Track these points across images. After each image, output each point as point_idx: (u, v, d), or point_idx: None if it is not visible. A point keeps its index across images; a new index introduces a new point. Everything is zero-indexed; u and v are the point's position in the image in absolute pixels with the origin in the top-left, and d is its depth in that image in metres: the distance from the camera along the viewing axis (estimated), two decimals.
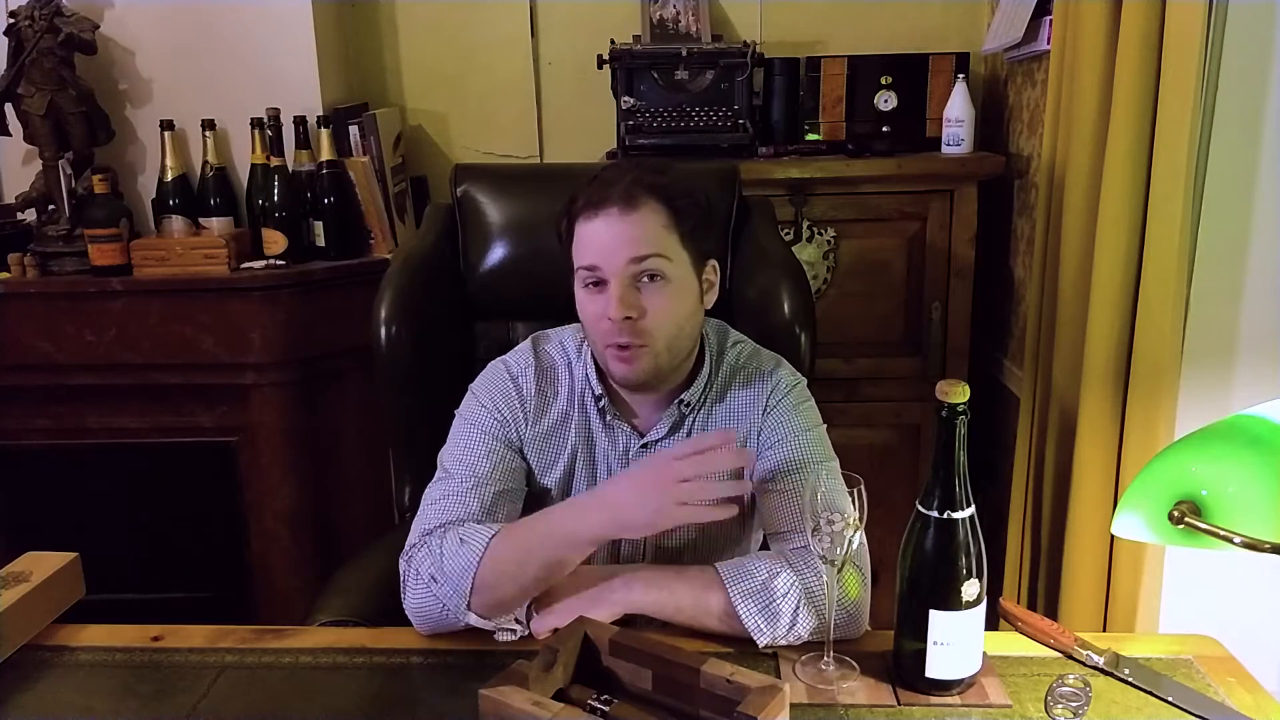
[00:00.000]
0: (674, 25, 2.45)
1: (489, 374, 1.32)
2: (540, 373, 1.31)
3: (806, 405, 1.31)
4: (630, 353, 1.20)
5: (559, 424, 1.30)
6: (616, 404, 1.30)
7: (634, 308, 1.18)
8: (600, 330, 1.21)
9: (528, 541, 1.14)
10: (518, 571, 1.13)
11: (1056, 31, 1.77)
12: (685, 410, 1.29)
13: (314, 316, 2.25)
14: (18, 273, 2.21)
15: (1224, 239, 1.55)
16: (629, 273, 1.19)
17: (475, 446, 1.26)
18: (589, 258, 1.20)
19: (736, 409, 1.30)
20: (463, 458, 1.26)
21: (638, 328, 1.19)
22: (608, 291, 1.19)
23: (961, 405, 1.01)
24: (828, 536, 1.06)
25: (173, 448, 2.31)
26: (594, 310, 1.21)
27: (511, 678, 0.97)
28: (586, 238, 1.21)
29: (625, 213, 1.19)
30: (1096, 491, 1.61)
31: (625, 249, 1.18)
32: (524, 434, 1.29)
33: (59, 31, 2.16)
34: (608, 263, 1.19)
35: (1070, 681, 0.99)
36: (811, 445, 1.27)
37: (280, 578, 2.34)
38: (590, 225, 1.20)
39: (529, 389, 1.30)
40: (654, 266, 1.19)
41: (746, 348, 1.36)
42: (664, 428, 1.29)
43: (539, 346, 1.34)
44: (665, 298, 1.20)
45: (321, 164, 2.28)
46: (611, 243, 1.19)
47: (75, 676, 1.13)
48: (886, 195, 2.23)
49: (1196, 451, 1.06)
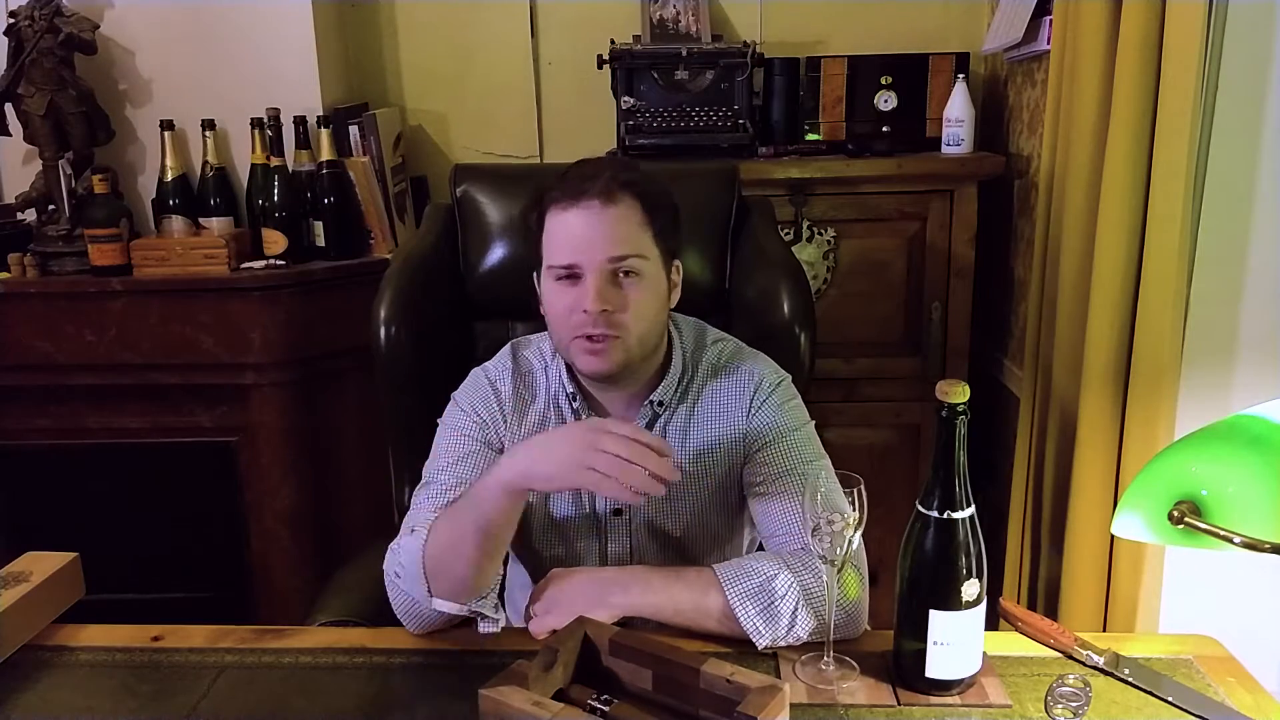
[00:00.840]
0: (674, 25, 2.45)
1: (469, 381, 1.34)
2: (518, 376, 1.32)
3: (793, 404, 1.31)
4: (602, 344, 1.20)
5: (537, 426, 1.30)
6: (591, 404, 1.30)
7: (610, 301, 1.19)
8: (572, 323, 1.21)
9: (456, 511, 1.15)
10: (458, 543, 1.13)
11: (1056, 31, 1.77)
12: (659, 409, 1.29)
13: (314, 316, 2.24)
14: (18, 273, 2.20)
15: (1224, 239, 1.55)
16: (607, 268, 1.19)
17: (454, 449, 1.28)
18: (566, 254, 1.20)
19: (719, 408, 1.30)
20: (443, 463, 1.27)
21: (613, 319, 1.19)
22: (583, 285, 1.19)
23: (961, 405, 1.01)
24: (828, 536, 1.06)
25: (173, 448, 2.30)
26: (566, 302, 1.21)
27: (511, 678, 0.97)
28: (562, 230, 1.21)
29: (605, 206, 1.19)
30: (1096, 491, 1.60)
31: (605, 245, 1.19)
32: (503, 436, 1.30)
33: (59, 31, 2.16)
34: (586, 257, 1.19)
35: (1070, 681, 0.99)
36: (802, 445, 1.27)
37: (280, 578, 2.34)
38: (565, 217, 1.20)
39: (506, 391, 1.31)
40: (632, 265, 1.20)
41: (728, 346, 1.35)
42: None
43: (518, 352, 1.35)
44: (640, 292, 1.21)
45: (321, 164, 2.28)
46: (591, 237, 1.19)
47: (75, 676, 1.13)
48: (886, 195, 2.23)
49: (1196, 451, 1.06)
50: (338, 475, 2.36)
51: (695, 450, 1.29)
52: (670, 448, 1.09)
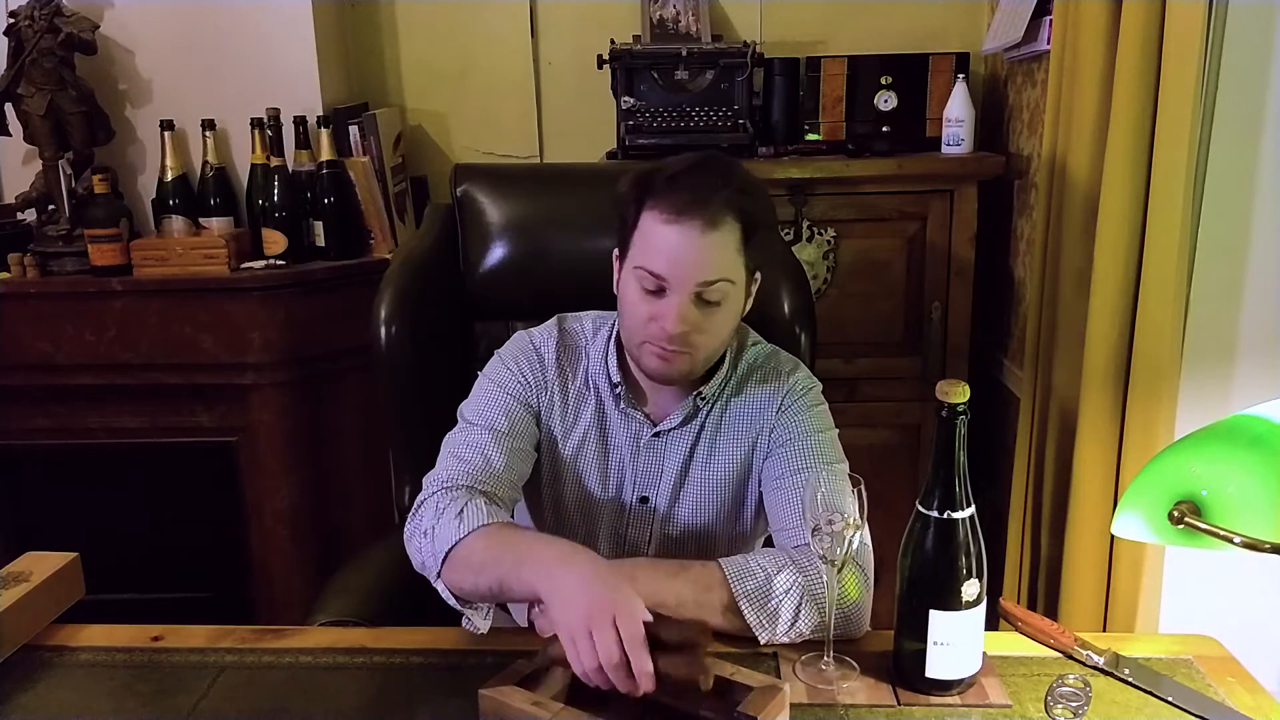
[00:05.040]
0: (674, 25, 2.45)
1: (515, 341, 1.34)
2: (563, 348, 1.33)
3: (820, 409, 1.32)
4: (672, 355, 1.20)
5: (576, 400, 1.31)
6: (632, 390, 1.31)
7: (691, 322, 1.18)
8: (649, 331, 1.20)
9: (496, 555, 1.10)
10: (477, 573, 1.11)
11: (1056, 31, 1.77)
12: (701, 403, 1.30)
13: (314, 316, 2.25)
14: (18, 273, 2.20)
15: (1224, 239, 1.55)
16: (695, 291, 1.18)
17: (495, 403, 1.28)
18: (658, 265, 1.18)
19: (751, 406, 1.32)
20: (484, 411, 1.27)
21: (689, 339, 1.19)
22: (667, 300, 1.18)
23: (961, 405, 1.01)
24: (828, 536, 1.06)
25: (173, 448, 2.30)
26: (647, 310, 1.20)
27: (511, 678, 0.97)
28: (659, 241, 1.18)
29: (706, 231, 1.16)
30: (1096, 491, 1.61)
31: (698, 271, 1.17)
32: (543, 402, 1.31)
33: (59, 31, 2.16)
34: (676, 277, 1.17)
35: (1070, 681, 0.98)
36: (821, 447, 1.28)
37: (280, 578, 2.34)
38: (666, 230, 1.17)
39: (550, 359, 1.32)
40: (720, 292, 1.19)
41: (765, 348, 1.37)
42: (677, 418, 1.30)
43: (564, 324, 1.36)
44: (721, 315, 1.21)
45: (321, 164, 2.28)
46: (686, 258, 1.17)
47: (75, 676, 1.13)
48: (886, 195, 2.23)
49: (1196, 451, 1.06)
50: (338, 475, 2.36)
51: (725, 445, 1.31)
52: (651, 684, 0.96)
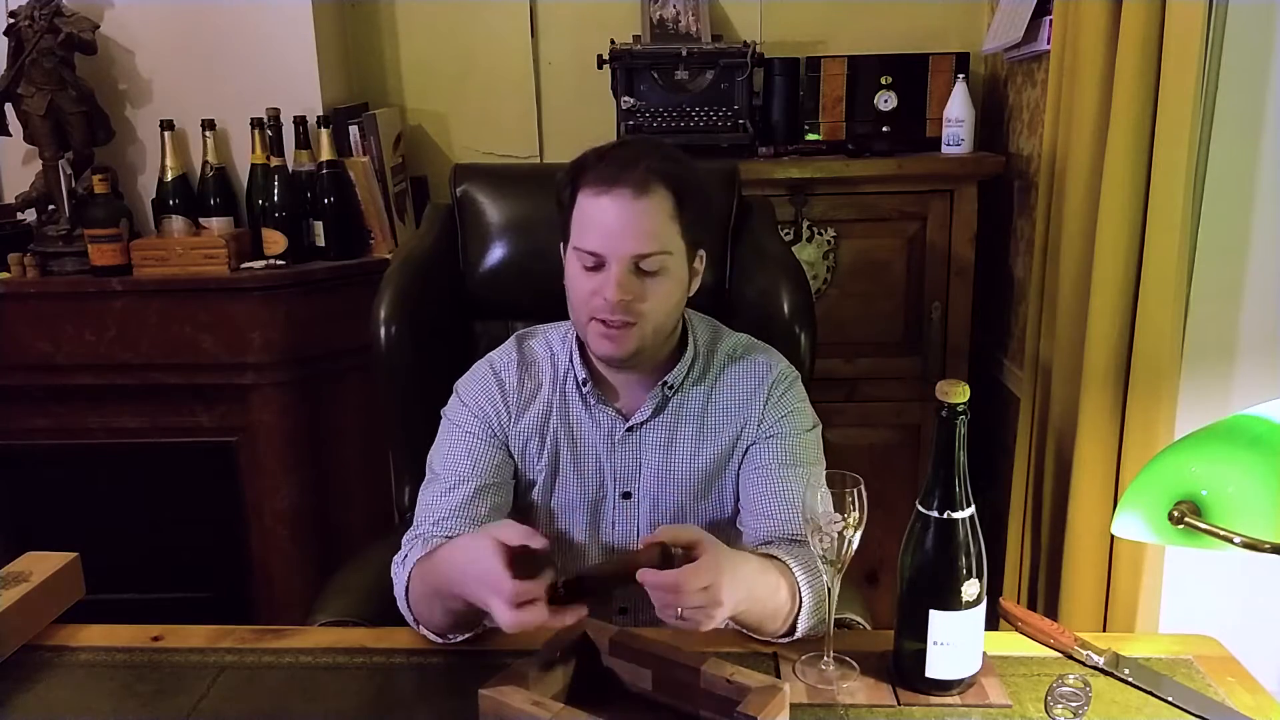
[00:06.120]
0: (674, 25, 2.45)
1: (473, 372, 1.35)
2: (523, 366, 1.33)
3: (804, 405, 1.33)
4: (618, 331, 1.21)
5: (543, 415, 1.31)
6: (600, 387, 1.31)
7: (631, 291, 1.19)
8: (592, 305, 1.21)
9: (428, 574, 1.14)
10: (431, 600, 1.14)
11: (1056, 31, 1.77)
12: (669, 392, 1.30)
13: (314, 316, 2.24)
14: (18, 273, 2.20)
15: (1224, 239, 1.55)
16: (632, 261, 1.19)
17: (456, 445, 1.29)
18: (593, 242, 1.20)
19: (736, 392, 1.32)
20: (447, 459, 1.28)
21: (631, 307, 1.20)
22: (606, 273, 1.20)
23: (961, 405, 1.01)
24: (829, 537, 1.06)
25: (173, 448, 2.30)
26: (588, 286, 1.21)
27: (511, 678, 0.97)
28: (592, 214, 1.20)
29: (637, 197, 1.18)
30: (1096, 491, 1.60)
31: (632, 240, 1.19)
32: (508, 427, 1.30)
33: (59, 31, 2.16)
34: (612, 249, 1.19)
35: (1070, 681, 0.98)
36: (809, 448, 1.29)
37: (280, 578, 2.34)
38: (598, 202, 1.19)
39: (511, 381, 1.31)
40: (657, 263, 1.20)
41: (743, 338, 1.37)
42: (648, 410, 1.30)
43: (523, 341, 1.36)
44: (662, 284, 1.22)
45: (321, 164, 2.28)
46: (619, 228, 1.19)
47: (75, 676, 1.13)
48: (886, 195, 2.23)
49: (1196, 451, 1.06)
50: (338, 475, 2.36)
51: (710, 431, 1.31)
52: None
